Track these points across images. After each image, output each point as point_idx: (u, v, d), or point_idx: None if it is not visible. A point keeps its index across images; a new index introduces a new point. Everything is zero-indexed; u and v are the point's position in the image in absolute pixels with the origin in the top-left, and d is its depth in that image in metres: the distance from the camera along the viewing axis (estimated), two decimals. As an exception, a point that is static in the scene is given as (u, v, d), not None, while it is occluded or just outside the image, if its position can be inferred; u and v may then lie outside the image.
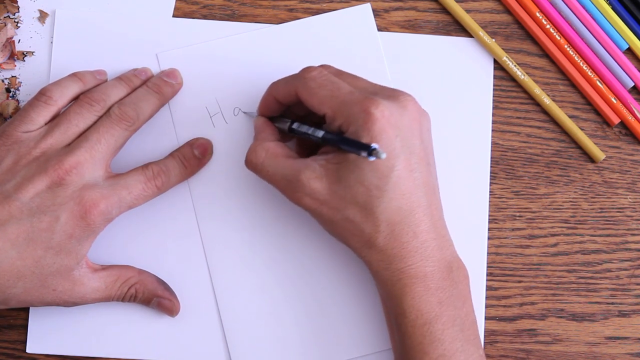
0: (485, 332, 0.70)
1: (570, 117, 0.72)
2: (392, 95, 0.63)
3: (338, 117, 0.62)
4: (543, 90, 0.72)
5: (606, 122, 0.72)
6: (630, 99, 0.72)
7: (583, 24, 0.72)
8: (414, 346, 0.61)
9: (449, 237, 0.64)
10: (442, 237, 0.63)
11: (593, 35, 0.72)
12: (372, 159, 0.58)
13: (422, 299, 0.61)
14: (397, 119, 0.61)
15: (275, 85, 0.66)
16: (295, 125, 0.66)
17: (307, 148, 0.69)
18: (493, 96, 0.72)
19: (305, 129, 0.65)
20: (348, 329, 0.69)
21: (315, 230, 0.70)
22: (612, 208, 0.72)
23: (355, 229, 0.62)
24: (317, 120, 0.65)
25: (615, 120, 0.72)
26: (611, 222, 0.72)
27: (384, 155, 0.57)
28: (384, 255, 0.62)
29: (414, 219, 0.61)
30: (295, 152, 0.66)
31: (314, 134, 0.64)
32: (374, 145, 0.58)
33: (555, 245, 0.71)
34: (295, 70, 0.66)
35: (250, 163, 0.65)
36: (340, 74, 0.65)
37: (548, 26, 0.72)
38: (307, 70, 0.64)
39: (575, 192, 0.72)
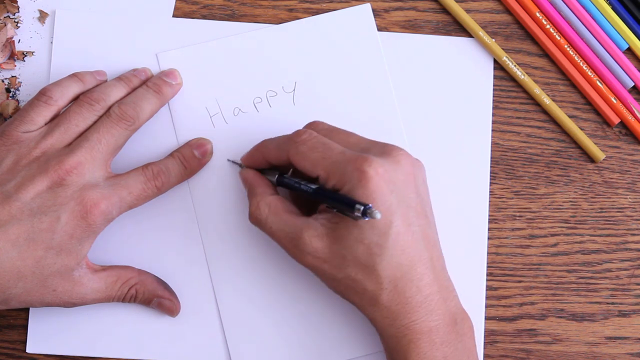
0: (485, 332, 0.70)
1: (570, 117, 0.72)
2: (384, 151, 0.62)
3: (331, 177, 0.61)
4: (543, 90, 0.72)
5: (606, 122, 0.72)
6: (630, 99, 0.72)
7: (583, 24, 0.72)
8: None
9: (453, 288, 0.63)
10: (445, 289, 0.62)
11: (593, 35, 0.72)
12: (367, 218, 0.58)
13: (427, 355, 0.60)
14: (391, 175, 0.61)
15: (266, 148, 0.66)
16: (284, 178, 0.65)
17: (303, 202, 0.67)
18: (493, 96, 0.72)
19: (294, 181, 0.64)
20: (348, 329, 0.69)
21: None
22: (612, 208, 0.72)
23: (358, 287, 0.61)
24: (310, 180, 0.64)
25: (615, 120, 0.72)
26: (611, 222, 0.72)
27: (378, 215, 0.57)
28: (389, 311, 0.61)
29: (416, 273, 0.61)
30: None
31: (304, 187, 0.63)
32: (368, 204, 0.58)
33: (555, 245, 0.71)
34: (295, 69, 0.66)
35: (255, 219, 0.65)
36: (331, 131, 0.64)
37: (548, 26, 0.72)
38: (297, 134, 0.64)
39: (575, 192, 0.72)
